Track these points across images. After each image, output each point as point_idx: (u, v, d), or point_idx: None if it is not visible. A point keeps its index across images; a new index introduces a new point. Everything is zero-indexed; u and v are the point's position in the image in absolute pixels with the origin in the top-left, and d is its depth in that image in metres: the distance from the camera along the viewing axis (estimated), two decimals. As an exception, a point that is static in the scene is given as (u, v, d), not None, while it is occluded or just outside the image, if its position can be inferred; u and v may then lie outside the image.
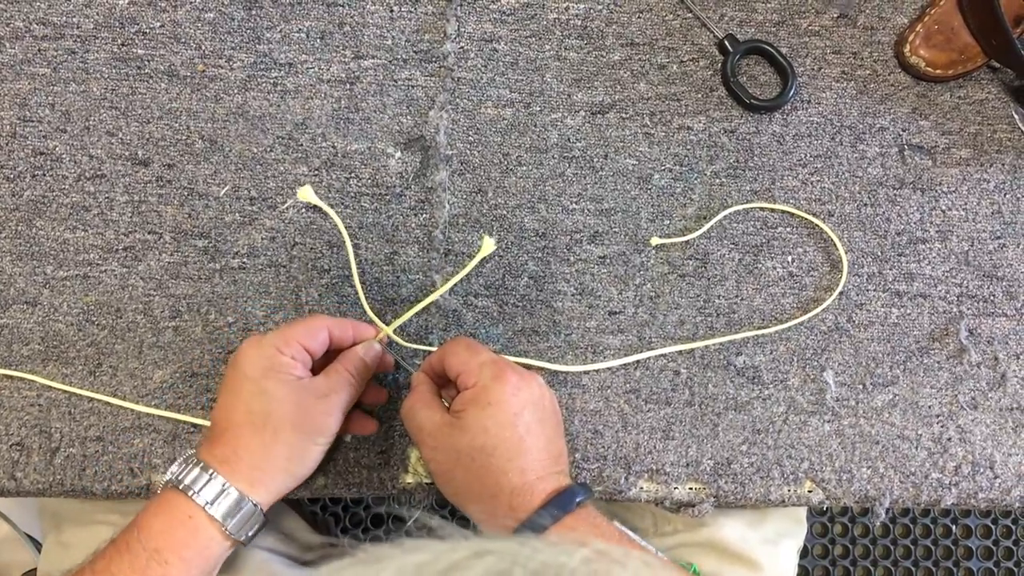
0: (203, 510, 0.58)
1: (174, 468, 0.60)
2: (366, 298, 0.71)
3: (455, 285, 0.72)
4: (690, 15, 0.78)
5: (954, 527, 1.52)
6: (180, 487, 0.59)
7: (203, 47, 0.75)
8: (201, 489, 0.58)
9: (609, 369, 0.71)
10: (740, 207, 0.75)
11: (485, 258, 0.72)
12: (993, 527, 1.52)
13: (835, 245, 0.74)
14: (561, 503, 0.56)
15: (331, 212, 0.71)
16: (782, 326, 0.73)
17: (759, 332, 0.72)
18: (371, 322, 0.69)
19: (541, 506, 0.56)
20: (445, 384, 0.64)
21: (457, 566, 0.34)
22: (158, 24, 0.75)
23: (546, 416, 0.60)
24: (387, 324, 0.68)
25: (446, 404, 0.63)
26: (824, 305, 0.73)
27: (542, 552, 0.35)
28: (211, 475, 0.59)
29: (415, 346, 0.71)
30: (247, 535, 0.60)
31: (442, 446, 0.59)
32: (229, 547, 0.60)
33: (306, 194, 0.71)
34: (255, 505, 0.59)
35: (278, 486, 0.61)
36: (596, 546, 0.36)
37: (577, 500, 0.57)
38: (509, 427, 0.57)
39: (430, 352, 0.70)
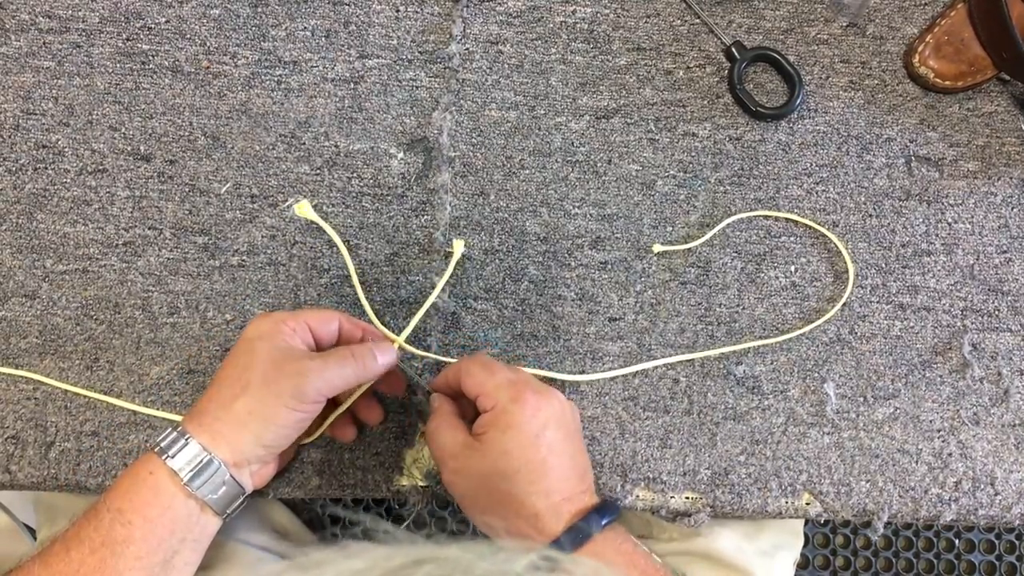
0: (163, 464, 0.56)
1: None
2: (368, 302, 0.70)
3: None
4: (698, 21, 0.77)
5: (957, 541, 1.50)
6: (153, 448, 0.57)
7: (208, 43, 0.75)
8: (166, 444, 0.57)
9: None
10: (743, 215, 0.74)
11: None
12: (996, 542, 1.51)
13: (841, 255, 0.73)
14: (586, 526, 0.55)
15: (328, 228, 0.70)
16: (784, 337, 0.72)
17: (761, 343, 0.72)
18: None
19: (566, 529, 0.55)
20: (461, 398, 0.63)
21: (394, 574, 0.34)
22: (163, 20, 0.75)
23: (569, 432, 0.59)
24: (389, 331, 0.68)
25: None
26: (827, 316, 0.72)
27: (486, 559, 0.35)
28: (178, 430, 0.57)
29: (424, 354, 0.70)
30: (213, 497, 0.57)
31: (463, 468, 0.58)
32: (199, 512, 0.58)
33: (304, 210, 0.70)
34: (216, 460, 0.57)
35: (241, 444, 0.58)
36: (543, 552, 0.36)
37: (603, 522, 0.56)
38: (531, 449, 0.56)
39: (438, 360, 0.70)
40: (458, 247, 0.71)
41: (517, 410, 0.56)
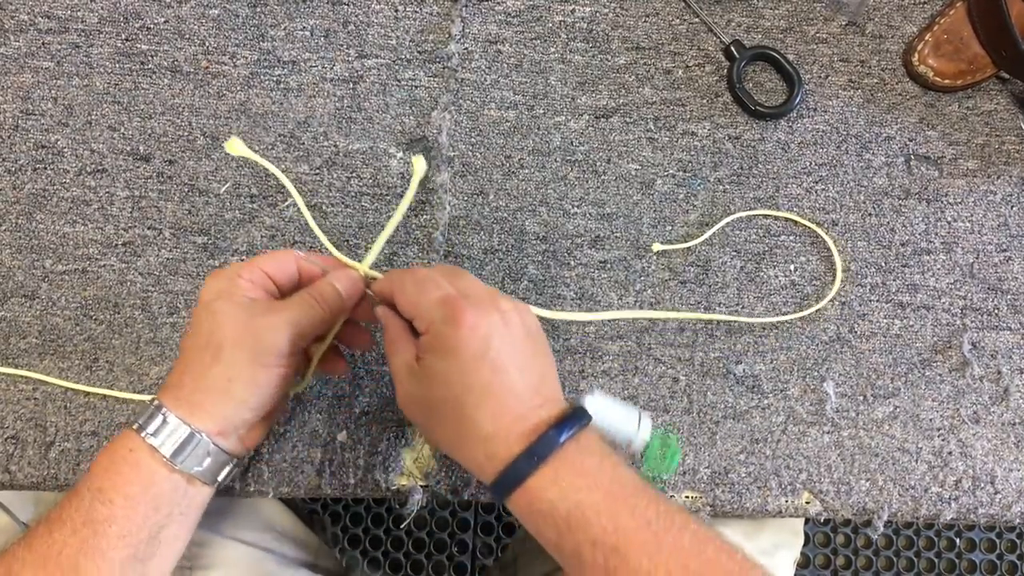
0: (143, 441, 0.55)
1: None
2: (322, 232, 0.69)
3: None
4: (697, 20, 0.77)
5: (958, 540, 1.50)
6: (131, 425, 0.56)
7: (207, 43, 0.75)
8: (144, 421, 0.55)
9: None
10: (742, 214, 0.74)
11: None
12: (997, 541, 1.51)
13: (830, 249, 0.73)
14: (540, 448, 0.51)
15: (266, 163, 0.65)
16: (772, 319, 0.72)
17: (742, 319, 0.72)
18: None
19: (520, 453, 0.51)
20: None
21: None
22: (162, 20, 0.75)
23: (517, 342, 0.54)
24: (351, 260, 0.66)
25: None
26: (818, 307, 0.72)
27: None
28: (154, 405, 0.56)
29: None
30: (199, 469, 0.56)
31: (410, 394, 0.55)
32: (185, 484, 0.56)
33: (235, 147, 0.65)
34: (198, 432, 0.55)
35: (223, 411, 0.56)
36: None
37: (561, 439, 0.51)
38: (472, 372, 0.52)
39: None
40: (418, 164, 0.65)
41: (452, 332, 0.52)
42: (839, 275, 0.73)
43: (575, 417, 0.53)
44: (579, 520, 0.50)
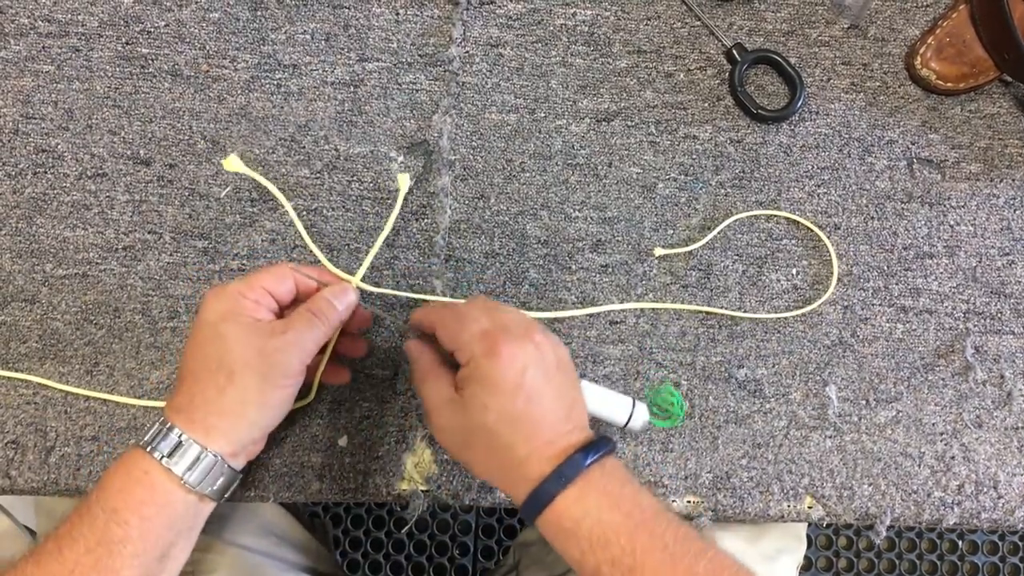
0: (159, 464, 0.55)
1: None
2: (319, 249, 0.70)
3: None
4: (698, 23, 0.77)
5: (960, 543, 1.50)
6: (140, 444, 0.56)
7: (207, 47, 0.75)
8: (156, 442, 0.56)
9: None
10: (743, 215, 0.74)
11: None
12: (1000, 543, 1.50)
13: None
14: (567, 469, 0.54)
15: (263, 180, 0.65)
16: (767, 315, 0.72)
17: (737, 314, 0.72)
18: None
19: (550, 473, 0.54)
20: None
21: None
22: (163, 23, 0.75)
23: (549, 373, 0.56)
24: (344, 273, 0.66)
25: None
26: (813, 306, 0.72)
27: None
28: (167, 427, 0.56)
29: (382, 290, 0.69)
30: (212, 488, 0.57)
31: (447, 424, 0.57)
32: (197, 502, 0.57)
33: (233, 164, 0.66)
34: (214, 455, 0.56)
35: (239, 434, 0.58)
36: None
37: (587, 461, 0.54)
38: (510, 400, 0.55)
39: (396, 296, 0.71)
40: (403, 181, 0.66)
41: (492, 364, 0.55)
42: (835, 277, 0.73)
43: (600, 443, 0.55)
44: (600, 539, 0.53)
